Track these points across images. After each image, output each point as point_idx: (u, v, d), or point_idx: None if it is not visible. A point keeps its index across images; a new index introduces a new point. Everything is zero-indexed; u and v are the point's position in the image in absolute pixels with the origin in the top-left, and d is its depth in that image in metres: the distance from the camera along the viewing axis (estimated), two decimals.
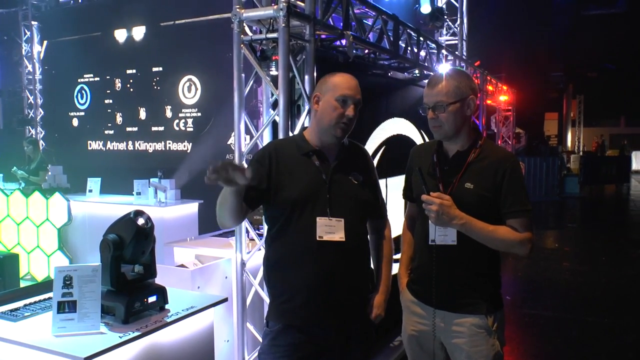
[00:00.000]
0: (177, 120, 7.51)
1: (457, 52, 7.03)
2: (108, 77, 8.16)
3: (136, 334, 1.92)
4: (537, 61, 20.14)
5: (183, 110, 7.44)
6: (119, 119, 8.07)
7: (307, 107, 2.94)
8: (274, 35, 2.85)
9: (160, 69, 7.66)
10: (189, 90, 7.38)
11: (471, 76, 2.09)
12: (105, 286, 2.01)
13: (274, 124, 3.07)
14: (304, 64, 3.00)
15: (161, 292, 2.16)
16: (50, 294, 2.16)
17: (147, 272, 2.15)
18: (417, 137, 4.75)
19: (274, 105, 3.12)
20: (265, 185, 2.04)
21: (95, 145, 8.21)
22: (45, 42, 9.03)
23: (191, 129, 7.42)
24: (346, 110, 2.04)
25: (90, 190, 6.45)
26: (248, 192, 2.01)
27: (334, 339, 2.06)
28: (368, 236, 2.22)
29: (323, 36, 3.38)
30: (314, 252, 1.99)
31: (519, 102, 13.60)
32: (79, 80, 8.49)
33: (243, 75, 3.04)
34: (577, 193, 15.63)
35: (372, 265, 2.27)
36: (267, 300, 2.80)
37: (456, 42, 7.54)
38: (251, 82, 3.15)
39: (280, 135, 2.88)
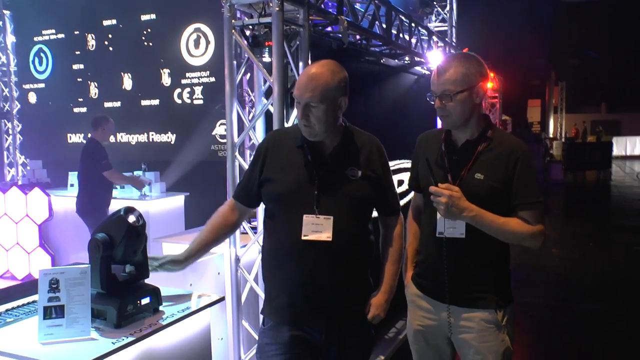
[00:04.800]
0: (179, 90, 5.52)
1: (447, 39, 6.94)
2: (77, 32, 5.96)
3: (130, 339, 1.79)
4: (520, 48, 20.24)
5: (188, 75, 5.49)
6: (93, 90, 6.02)
7: None
8: (267, 19, 2.73)
9: (153, 16, 5.55)
10: (197, 46, 5.38)
11: (481, 60, 1.97)
12: (95, 289, 1.88)
13: (267, 114, 2.95)
14: (298, 50, 2.88)
15: (155, 293, 2.04)
16: (34, 297, 2.03)
17: (138, 272, 2.02)
18: None
19: (267, 94, 3.00)
20: (257, 184, 2.01)
21: (75, 138, 6.98)
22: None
23: (200, 102, 5.46)
24: (298, 114, 1.93)
25: (72, 185, 6.23)
26: (241, 193, 2.09)
27: (325, 339, 1.96)
28: (370, 236, 2.05)
29: (315, 21, 3.26)
30: (298, 251, 1.90)
31: (504, 89, 13.64)
32: (35, 39, 6.09)
33: (234, 62, 2.91)
34: (561, 179, 15.80)
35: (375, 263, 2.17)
36: (262, 296, 2.70)
37: (446, 28, 7.43)
38: (242, 70, 3.02)
39: (275, 126, 2.76)
